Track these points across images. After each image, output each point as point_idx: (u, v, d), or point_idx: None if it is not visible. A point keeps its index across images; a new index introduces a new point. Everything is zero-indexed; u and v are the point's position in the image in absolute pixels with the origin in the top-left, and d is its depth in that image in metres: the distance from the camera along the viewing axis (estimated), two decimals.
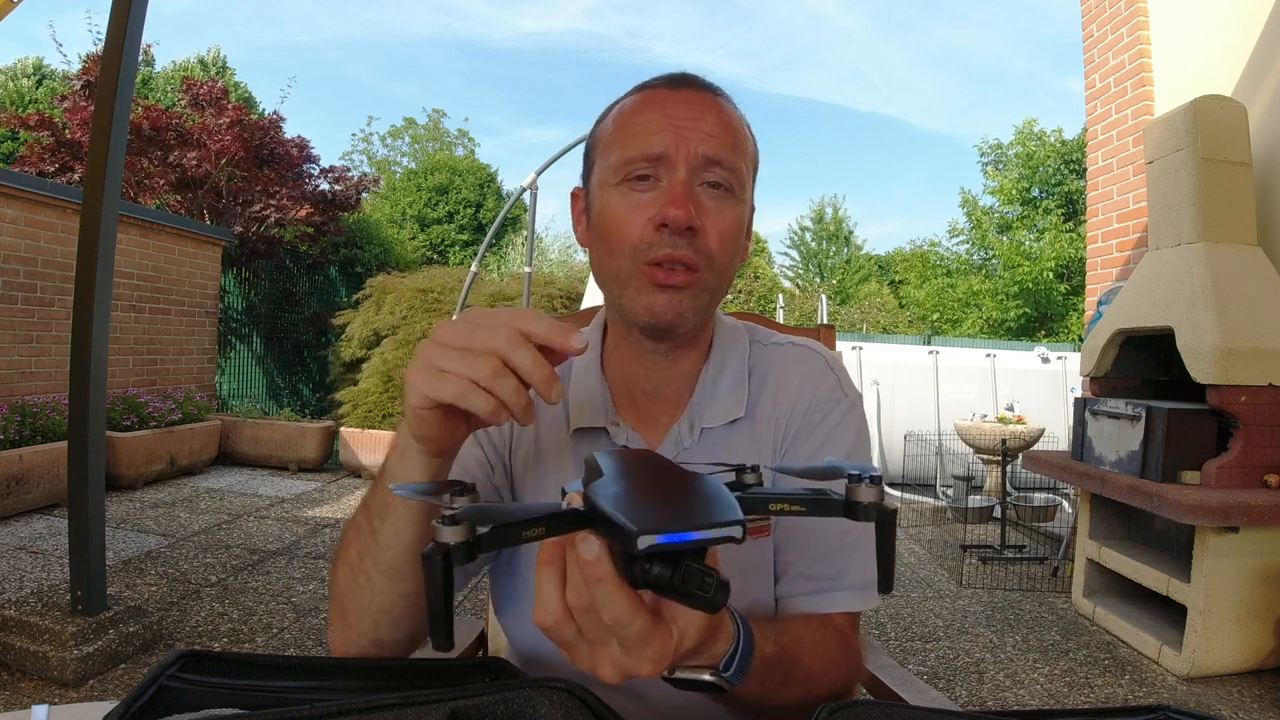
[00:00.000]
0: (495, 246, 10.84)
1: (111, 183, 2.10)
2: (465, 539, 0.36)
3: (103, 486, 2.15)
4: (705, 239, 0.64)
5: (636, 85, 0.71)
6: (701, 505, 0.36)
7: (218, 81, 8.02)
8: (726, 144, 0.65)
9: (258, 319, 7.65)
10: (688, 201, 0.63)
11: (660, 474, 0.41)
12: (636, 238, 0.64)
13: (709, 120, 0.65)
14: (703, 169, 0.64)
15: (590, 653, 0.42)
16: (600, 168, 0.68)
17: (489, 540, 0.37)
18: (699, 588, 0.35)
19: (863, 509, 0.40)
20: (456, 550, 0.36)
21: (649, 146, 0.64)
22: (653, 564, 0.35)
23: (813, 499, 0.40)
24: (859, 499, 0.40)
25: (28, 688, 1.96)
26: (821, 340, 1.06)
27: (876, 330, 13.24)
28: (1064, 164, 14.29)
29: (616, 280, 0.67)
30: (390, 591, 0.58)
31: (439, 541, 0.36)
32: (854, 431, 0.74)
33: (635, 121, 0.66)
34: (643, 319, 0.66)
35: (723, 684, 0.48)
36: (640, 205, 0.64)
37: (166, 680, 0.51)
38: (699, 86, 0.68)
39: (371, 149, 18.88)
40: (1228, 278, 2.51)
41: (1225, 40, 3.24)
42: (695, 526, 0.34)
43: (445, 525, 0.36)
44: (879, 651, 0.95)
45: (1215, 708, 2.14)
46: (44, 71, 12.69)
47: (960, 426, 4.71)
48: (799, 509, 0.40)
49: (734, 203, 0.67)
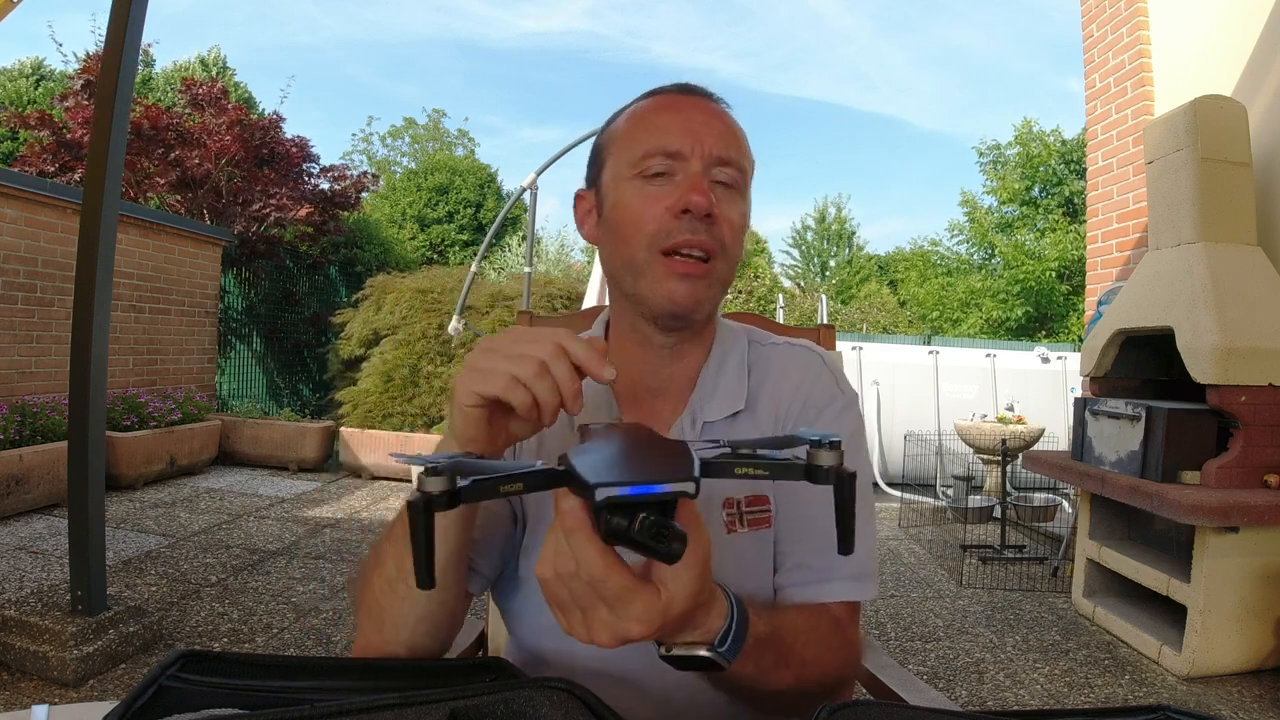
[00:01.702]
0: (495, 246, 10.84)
1: (111, 183, 2.10)
2: (447, 489, 0.39)
3: (103, 486, 2.15)
4: (721, 228, 0.68)
5: (647, 91, 0.75)
6: (662, 463, 0.39)
7: (218, 81, 8.03)
8: (735, 147, 0.70)
9: (258, 319, 7.65)
10: (708, 190, 0.67)
11: (639, 440, 0.44)
12: (654, 226, 0.67)
13: (718, 125, 0.70)
14: (715, 166, 0.68)
15: (583, 619, 0.44)
16: (615, 163, 0.71)
17: (469, 492, 0.40)
18: (654, 538, 0.38)
19: (822, 472, 0.41)
20: (438, 499, 0.39)
21: (667, 143, 0.68)
22: (612, 515, 0.37)
23: (774, 463, 0.42)
24: (819, 463, 0.41)
25: (28, 688, 1.96)
26: (821, 340, 1.06)
27: (876, 330, 13.24)
28: (1064, 164, 14.30)
29: (632, 270, 0.70)
30: (428, 600, 0.62)
31: (422, 490, 0.39)
32: (850, 429, 0.75)
33: (652, 120, 0.70)
34: (662, 306, 0.69)
35: (718, 659, 0.50)
36: (657, 196, 0.68)
37: (166, 680, 0.51)
38: (708, 96, 0.73)
39: (371, 149, 18.89)
40: (1228, 278, 2.51)
41: (1225, 40, 3.24)
42: (650, 480, 0.37)
43: (429, 475, 0.39)
44: (879, 651, 0.95)
45: (1215, 708, 2.14)
46: (44, 71, 12.69)
47: (960, 426, 4.71)
48: (762, 473, 0.42)
49: (741, 200, 0.71)
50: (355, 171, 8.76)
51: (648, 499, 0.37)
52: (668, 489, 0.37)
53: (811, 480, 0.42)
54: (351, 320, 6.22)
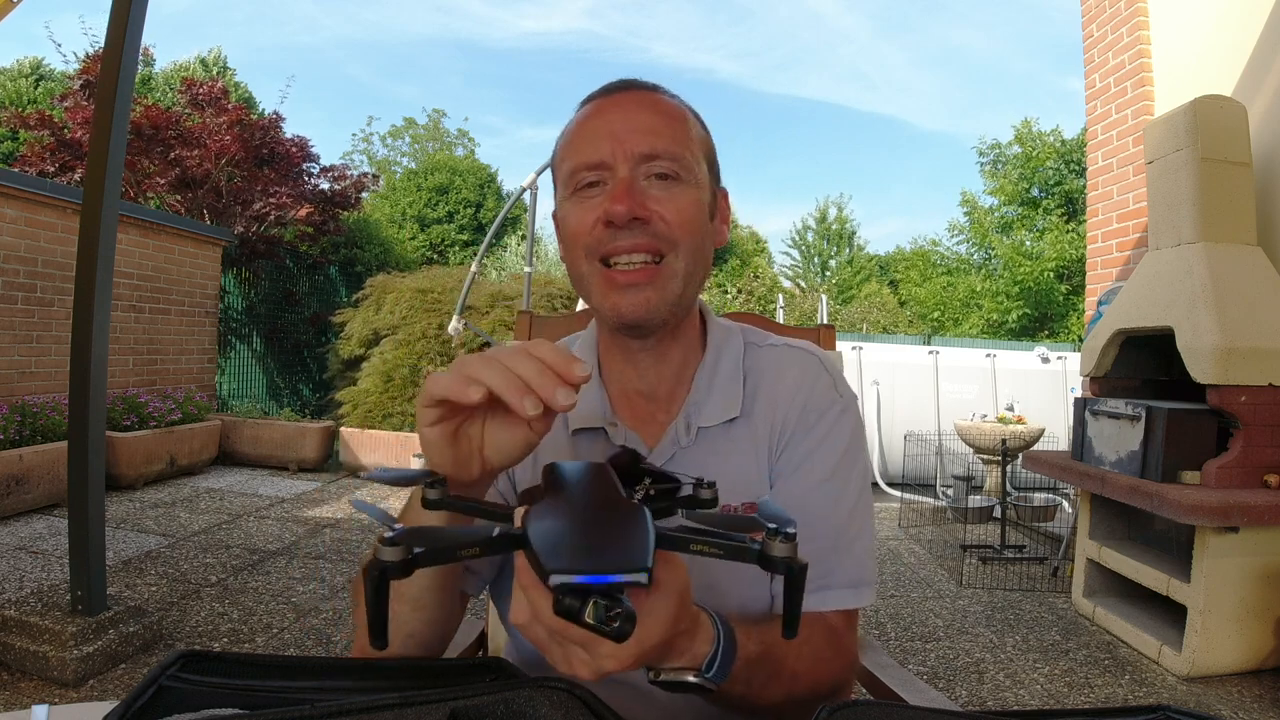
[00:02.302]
0: (494, 246, 10.84)
1: (111, 183, 2.10)
2: (401, 558, 0.39)
3: (103, 486, 2.15)
4: (662, 225, 0.66)
5: (580, 100, 0.73)
6: (617, 547, 0.39)
7: (218, 81, 8.03)
8: (664, 134, 0.67)
9: (258, 319, 7.65)
10: (627, 195, 0.64)
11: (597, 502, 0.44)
12: (588, 238, 0.67)
13: (644, 117, 0.68)
14: (643, 163, 0.66)
15: (563, 654, 0.44)
16: (559, 185, 0.72)
17: (424, 558, 0.40)
18: (603, 622, 0.38)
19: (775, 562, 0.41)
20: (391, 568, 0.39)
21: (590, 155, 0.67)
22: (564, 597, 0.38)
23: (730, 545, 0.42)
24: (772, 553, 0.41)
25: (28, 688, 1.96)
26: (821, 340, 1.06)
27: (876, 330, 13.24)
28: (1064, 164, 14.29)
29: (583, 285, 0.70)
30: (414, 620, 0.63)
31: (378, 558, 0.39)
32: (849, 432, 0.74)
33: (578, 135, 0.69)
34: (611, 320, 0.69)
35: (706, 684, 0.51)
36: (590, 209, 0.67)
37: (166, 680, 0.51)
38: (635, 88, 0.71)
39: (372, 149, 18.86)
40: (1228, 278, 2.51)
41: (1225, 40, 3.24)
42: (603, 569, 0.37)
43: (385, 545, 0.39)
44: (879, 651, 0.95)
45: (1215, 708, 2.14)
46: (43, 71, 12.69)
47: (960, 426, 4.71)
48: (716, 552, 0.42)
49: (686, 187, 0.68)
50: (355, 171, 8.77)
51: (597, 588, 0.37)
52: (620, 579, 0.37)
53: (764, 568, 0.42)
54: (351, 320, 6.22)
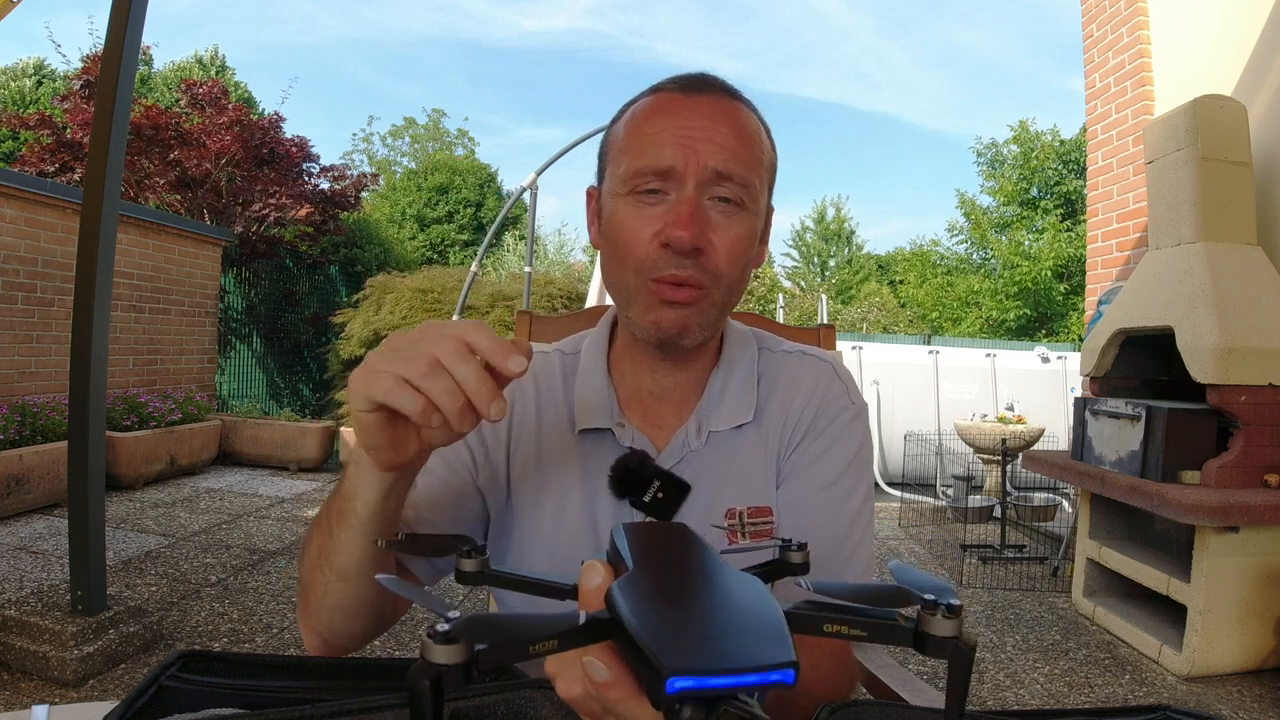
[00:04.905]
0: (494, 246, 10.84)
1: (111, 183, 2.10)
2: (461, 659, 0.27)
3: (103, 486, 2.15)
4: (712, 258, 0.63)
5: (651, 86, 0.69)
6: (747, 636, 0.28)
7: (217, 81, 8.03)
8: (739, 155, 0.63)
9: (258, 319, 7.65)
10: (693, 222, 0.61)
11: (695, 572, 0.33)
12: (642, 254, 0.63)
13: (721, 130, 0.63)
14: (712, 184, 0.63)
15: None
16: (611, 175, 0.67)
17: (489, 657, 0.28)
18: None
19: (934, 643, 0.31)
20: (449, 673, 0.27)
21: (658, 160, 0.62)
22: (683, 706, 0.27)
23: (877, 623, 0.32)
24: (932, 631, 0.31)
25: (28, 688, 1.96)
26: (821, 340, 1.06)
27: (876, 330, 13.23)
28: (1063, 163, 14.29)
29: (623, 293, 0.67)
30: (340, 591, 0.59)
31: (429, 661, 0.27)
32: (858, 439, 0.74)
33: (646, 130, 0.64)
34: (649, 333, 0.66)
35: None
36: (648, 219, 0.63)
37: (166, 680, 0.51)
38: (714, 91, 0.66)
39: (372, 149, 18.85)
40: (1228, 278, 2.51)
41: (1225, 40, 3.24)
42: (738, 669, 0.26)
43: (437, 644, 0.27)
44: (879, 651, 0.95)
45: (1215, 708, 2.14)
46: (44, 72, 12.69)
47: (960, 426, 4.71)
48: (859, 634, 0.32)
49: (745, 216, 0.65)
50: (355, 171, 8.77)
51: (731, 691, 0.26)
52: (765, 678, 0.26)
53: (921, 651, 0.32)
54: (352, 320, 6.22)
